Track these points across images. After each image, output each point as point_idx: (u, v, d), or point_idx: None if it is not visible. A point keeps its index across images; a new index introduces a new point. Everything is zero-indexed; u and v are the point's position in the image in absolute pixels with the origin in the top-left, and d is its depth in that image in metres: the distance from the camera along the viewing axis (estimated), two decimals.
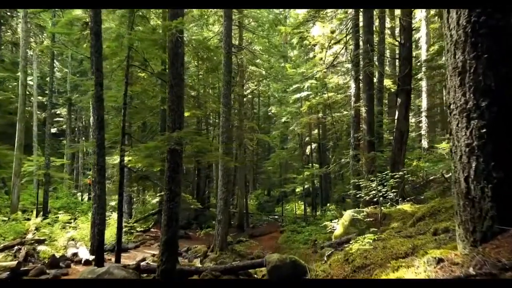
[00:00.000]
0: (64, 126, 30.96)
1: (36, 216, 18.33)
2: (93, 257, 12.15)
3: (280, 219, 23.87)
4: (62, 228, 16.08)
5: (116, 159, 10.94)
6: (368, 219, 9.05)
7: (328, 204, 23.77)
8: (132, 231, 15.03)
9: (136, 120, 14.52)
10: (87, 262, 11.35)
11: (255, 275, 9.60)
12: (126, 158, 10.02)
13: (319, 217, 19.49)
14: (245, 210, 22.22)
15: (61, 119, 32.42)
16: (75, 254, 11.81)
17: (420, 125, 23.31)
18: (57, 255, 12.16)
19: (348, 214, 9.41)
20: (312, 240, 15.26)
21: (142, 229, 17.37)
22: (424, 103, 22.43)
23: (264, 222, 25.47)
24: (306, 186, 24.56)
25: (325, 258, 5.63)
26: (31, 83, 25.29)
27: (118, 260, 9.21)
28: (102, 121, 8.98)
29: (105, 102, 9.82)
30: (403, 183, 10.47)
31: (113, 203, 18.48)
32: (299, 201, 26.60)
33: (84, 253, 11.75)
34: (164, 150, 7.74)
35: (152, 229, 17.76)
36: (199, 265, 9.97)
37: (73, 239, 13.69)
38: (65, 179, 24.29)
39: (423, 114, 22.66)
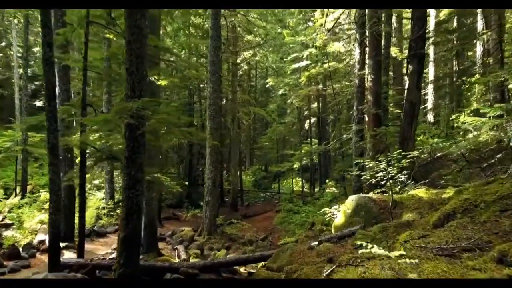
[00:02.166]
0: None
1: (15, 195, 16.88)
2: (65, 244, 10.72)
3: (277, 196, 22.44)
4: (40, 209, 14.61)
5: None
6: (375, 206, 7.46)
7: (327, 181, 22.30)
8: (112, 213, 13.53)
9: (102, 89, 12.77)
10: None
11: (245, 269, 8.12)
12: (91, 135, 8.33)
13: (317, 195, 18.00)
14: (239, 187, 20.74)
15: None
16: (42, 242, 10.35)
17: (426, 97, 21.48)
18: (24, 242, 10.74)
19: (351, 200, 7.80)
20: (309, 223, 13.82)
21: None
22: (430, 73, 20.51)
23: (260, 200, 24.08)
24: (304, 162, 23.00)
25: (324, 275, 4.09)
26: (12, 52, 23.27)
27: (80, 254, 7.70)
28: (53, 90, 7.21)
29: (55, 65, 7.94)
30: (416, 164, 8.81)
31: (96, 182, 16.95)
32: (297, 177, 25.11)
33: None
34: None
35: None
36: (176, 261, 8.46)
37: (45, 223, 12.20)
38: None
39: (430, 85, 20.80)
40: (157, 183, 9.07)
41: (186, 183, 22.97)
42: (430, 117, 21.73)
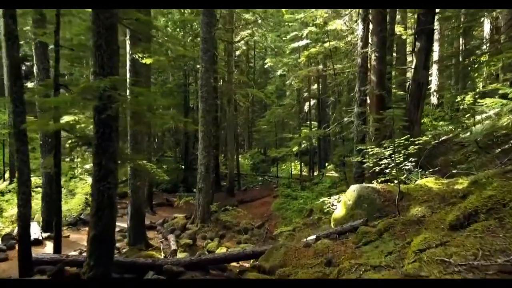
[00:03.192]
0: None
1: (3, 180, 16.19)
2: (47, 234, 10.07)
3: (275, 180, 21.72)
4: None
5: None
6: (379, 198, 6.71)
7: (326, 164, 21.56)
8: None
9: (89, 69, 11.83)
10: (37, 242, 9.25)
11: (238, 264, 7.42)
12: (67, 118, 7.51)
13: (316, 180, 17.27)
14: (236, 171, 20.01)
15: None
16: None
17: (430, 78, 20.47)
18: (4, 232, 10.06)
19: (352, 190, 7.04)
20: (307, 210, 13.14)
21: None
22: (435, 53, 19.45)
23: (259, 183, 23.40)
24: (303, 145, 22.17)
25: None
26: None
27: (57, 249, 7.00)
28: (18, 68, 6.34)
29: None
30: (426, 151, 8.01)
31: (87, 166, 16.19)
32: (296, 161, 24.34)
33: (34, 231, 9.58)
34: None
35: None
36: (161, 255, 7.76)
37: None
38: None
39: (434, 65, 19.78)
40: (143, 171, 8.30)
41: (183, 166, 22.26)
42: (434, 99, 20.79)
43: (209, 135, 12.11)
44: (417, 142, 6.62)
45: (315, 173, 21.58)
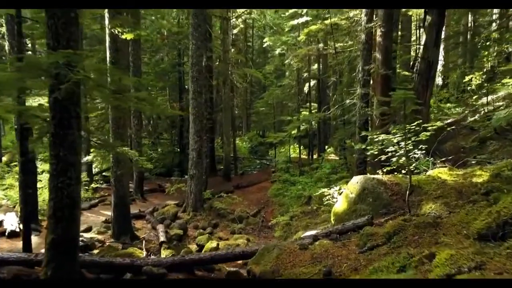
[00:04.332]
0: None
1: None
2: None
3: (274, 162, 20.92)
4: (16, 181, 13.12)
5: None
6: (386, 192, 5.89)
7: (326, 147, 20.74)
8: (87, 187, 12.02)
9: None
10: (13, 234, 8.52)
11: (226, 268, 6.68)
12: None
13: (315, 165, 16.47)
14: (232, 155, 19.21)
15: None
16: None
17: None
18: None
19: (355, 182, 6.21)
20: (306, 197, 12.39)
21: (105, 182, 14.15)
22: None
23: (257, 167, 22.63)
24: (302, 127, 21.25)
25: None
26: None
27: (27, 247, 6.23)
28: None
29: None
30: (439, 137, 7.14)
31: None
32: (295, 144, 23.48)
33: (12, 221, 8.84)
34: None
35: None
36: (142, 253, 6.99)
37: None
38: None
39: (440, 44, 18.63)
40: (124, 159, 7.48)
41: (178, 149, 21.45)
42: (439, 80, 19.79)
43: (201, 118, 11.23)
44: (429, 127, 5.75)
45: (315, 156, 20.79)
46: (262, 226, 11.23)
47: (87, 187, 11.99)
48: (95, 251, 7.44)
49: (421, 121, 5.74)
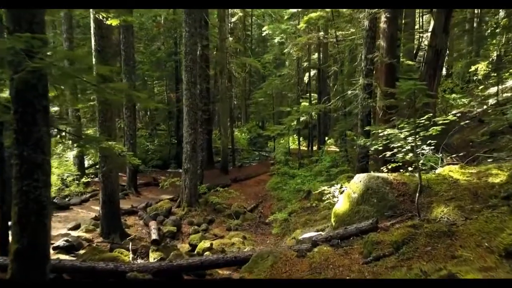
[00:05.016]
0: None
1: None
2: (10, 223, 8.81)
3: (273, 154, 20.39)
4: None
5: None
6: (391, 192, 5.37)
7: (326, 138, 20.19)
8: (77, 181, 11.51)
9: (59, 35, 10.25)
10: None
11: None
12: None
13: (315, 157, 15.94)
14: (230, 146, 18.68)
15: None
16: None
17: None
18: None
19: (358, 181, 5.68)
20: (305, 192, 11.89)
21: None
22: None
23: (255, 159, 22.12)
24: (302, 119, 20.64)
25: None
26: None
27: (3, 250, 5.75)
28: None
29: None
30: (450, 132, 6.59)
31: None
32: (294, 135, 22.93)
33: None
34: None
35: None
36: (128, 257, 6.49)
37: None
38: None
39: None
40: (110, 155, 6.95)
41: (176, 141, 20.89)
42: (443, 69, 19.09)
43: (196, 110, 10.67)
44: (440, 122, 5.19)
45: (314, 148, 20.26)
46: (259, 222, 10.76)
47: (78, 182, 11.49)
48: (82, 251, 6.99)
49: (431, 114, 5.19)
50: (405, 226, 4.32)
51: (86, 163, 14.34)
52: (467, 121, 8.81)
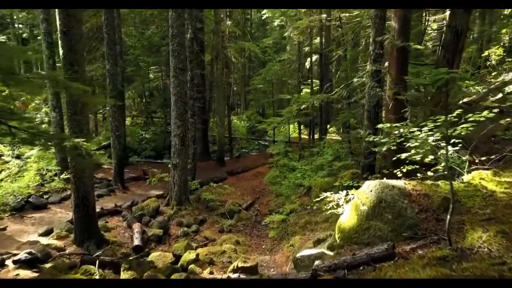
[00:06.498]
0: None
1: None
2: None
3: (271, 148, 19.32)
4: None
5: None
6: (410, 206, 4.31)
7: (328, 126, 19.09)
8: (57, 177, 10.49)
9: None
10: None
11: None
12: None
13: (317, 148, 14.88)
14: (228, 135, 17.61)
15: None
16: None
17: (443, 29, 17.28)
18: None
19: (368, 190, 4.61)
20: (305, 187, 10.88)
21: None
22: None
23: (255, 148, 21.08)
24: (303, 107, 19.49)
25: None
26: None
27: None
28: None
29: None
30: (484, 130, 5.47)
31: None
32: (295, 123, 21.82)
33: None
34: None
35: (105, 166, 13.24)
36: (91, 278, 5.48)
37: None
38: None
39: None
40: (76, 157, 5.89)
41: (170, 130, 19.79)
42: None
43: (185, 100, 9.56)
44: (471, 118, 4.08)
45: (316, 136, 19.18)
46: (255, 221, 9.79)
47: (57, 177, 10.49)
48: (48, 265, 6.00)
49: (462, 110, 4.08)
50: (433, 258, 3.29)
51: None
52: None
